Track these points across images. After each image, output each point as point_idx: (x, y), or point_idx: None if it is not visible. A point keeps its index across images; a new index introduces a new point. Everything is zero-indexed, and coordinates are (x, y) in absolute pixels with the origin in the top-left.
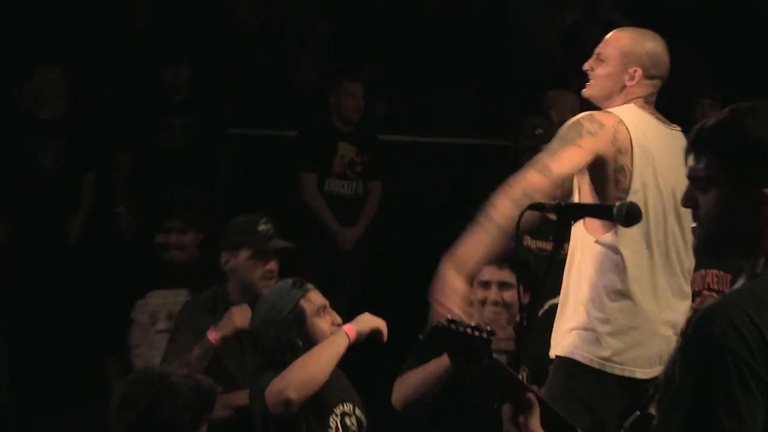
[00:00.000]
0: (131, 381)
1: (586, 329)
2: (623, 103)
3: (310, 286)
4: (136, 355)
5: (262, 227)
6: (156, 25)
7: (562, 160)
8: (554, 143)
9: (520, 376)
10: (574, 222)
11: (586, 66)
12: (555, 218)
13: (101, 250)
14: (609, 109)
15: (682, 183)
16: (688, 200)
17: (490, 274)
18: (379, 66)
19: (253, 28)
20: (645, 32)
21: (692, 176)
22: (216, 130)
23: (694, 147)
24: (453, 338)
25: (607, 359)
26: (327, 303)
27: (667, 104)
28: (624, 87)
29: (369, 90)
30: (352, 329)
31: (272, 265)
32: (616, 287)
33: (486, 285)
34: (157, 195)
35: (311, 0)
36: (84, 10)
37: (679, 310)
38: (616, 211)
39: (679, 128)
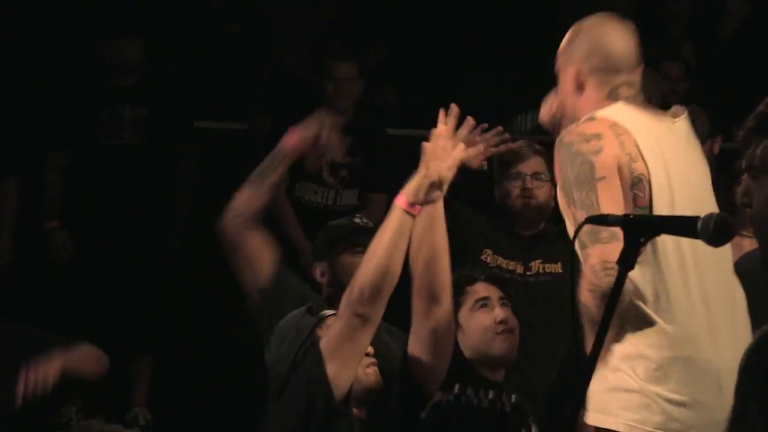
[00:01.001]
0: None
1: (629, 390)
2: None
3: (328, 312)
4: None
5: (358, 220)
6: None
7: (607, 207)
8: (575, 194)
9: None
10: (647, 241)
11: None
12: (527, 234)
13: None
14: (592, 115)
15: (701, 185)
16: (745, 196)
17: (486, 290)
18: (390, 42)
19: None
20: (584, 24)
21: (748, 165)
22: (177, 122)
23: (756, 132)
24: (467, 415)
25: (662, 426)
26: None
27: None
28: (575, 98)
29: (375, 74)
30: (401, 198)
31: None
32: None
33: (485, 302)
34: None
35: None
36: None
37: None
38: (701, 225)
39: (677, 118)
